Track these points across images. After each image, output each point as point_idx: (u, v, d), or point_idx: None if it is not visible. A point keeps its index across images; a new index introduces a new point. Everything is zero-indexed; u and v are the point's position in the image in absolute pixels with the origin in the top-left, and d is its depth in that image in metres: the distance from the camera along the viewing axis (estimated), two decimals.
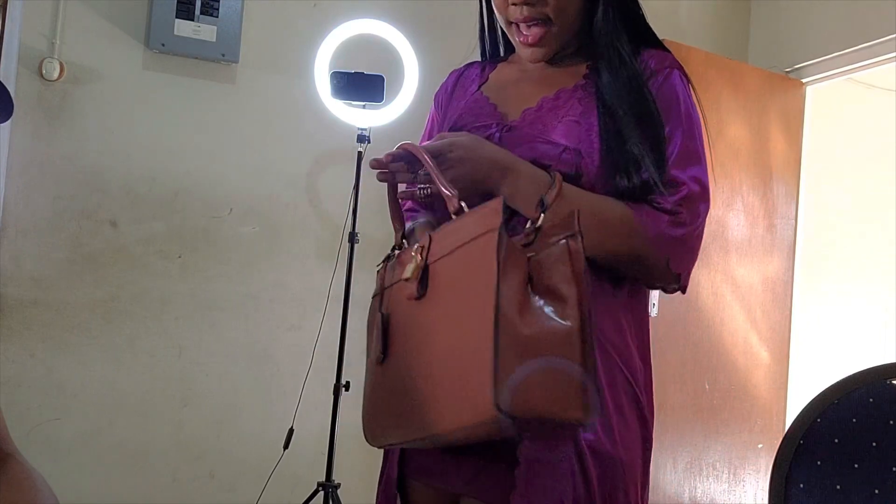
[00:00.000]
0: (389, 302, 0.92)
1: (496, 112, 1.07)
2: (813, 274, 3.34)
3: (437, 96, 1.23)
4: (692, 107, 1.02)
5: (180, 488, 2.44)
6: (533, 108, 1.04)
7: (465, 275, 0.78)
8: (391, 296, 0.92)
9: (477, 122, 1.07)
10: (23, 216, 2.28)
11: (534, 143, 1.00)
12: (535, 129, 1.01)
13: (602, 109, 0.99)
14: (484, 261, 0.74)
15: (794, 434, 1.09)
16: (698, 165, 0.98)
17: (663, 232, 0.93)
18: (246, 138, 2.54)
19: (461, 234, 0.80)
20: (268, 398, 2.53)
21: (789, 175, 3.08)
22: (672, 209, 0.94)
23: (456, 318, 0.77)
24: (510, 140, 1.01)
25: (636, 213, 0.93)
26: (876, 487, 1.00)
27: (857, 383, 1.06)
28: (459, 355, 0.76)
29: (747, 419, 2.92)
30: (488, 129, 1.04)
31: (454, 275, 0.80)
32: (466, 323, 0.75)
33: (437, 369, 0.79)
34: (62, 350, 2.31)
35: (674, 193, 0.95)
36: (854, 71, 2.95)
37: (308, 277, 2.58)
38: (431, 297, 0.83)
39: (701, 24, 3.24)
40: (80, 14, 2.34)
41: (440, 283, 0.82)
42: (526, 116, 1.04)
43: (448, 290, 0.81)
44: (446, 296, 0.81)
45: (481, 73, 1.18)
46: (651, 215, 0.94)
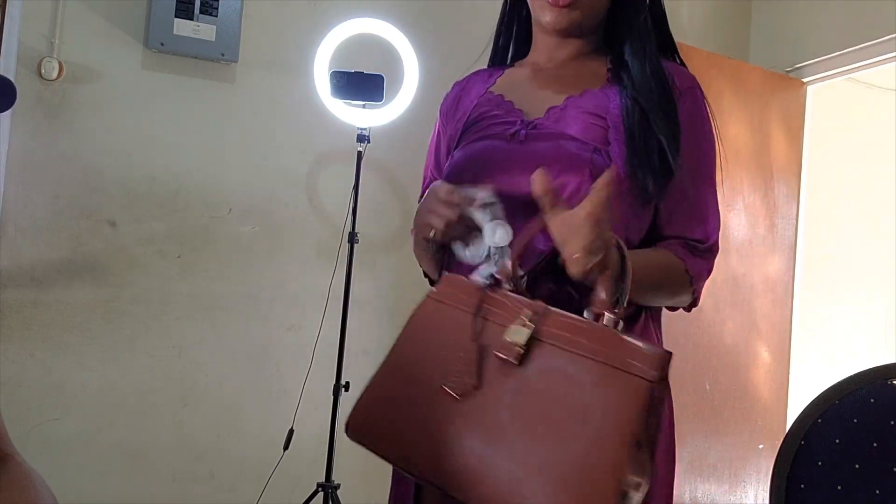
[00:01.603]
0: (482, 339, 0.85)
1: (515, 109, 1.05)
2: (813, 274, 3.34)
3: (442, 109, 1.19)
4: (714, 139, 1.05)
5: (180, 488, 2.44)
6: (559, 106, 1.02)
7: (590, 393, 0.77)
8: (487, 333, 0.85)
9: (497, 119, 1.04)
10: (22, 216, 2.28)
11: (561, 141, 0.98)
12: (560, 127, 0.99)
13: (629, 106, 0.98)
14: (624, 401, 0.75)
15: (794, 434, 1.09)
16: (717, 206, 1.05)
17: (704, 275, 1.03)
18: (246, 138, 2.53)
19: (600, 345, 0.78)
20: (268, 398, 2.53)
21: (790, 175, 3.08)
22: (708, 249, 1.03)
23: (564, 426, 0.76)
24: (536, 137, 0.99)
25: (686, 262, 1.00)
26: (877, 488, 1.00)
27: (858, 383, 1.06)
28: (570, 468, 0.74)
29: (748, 419, 2.92)
30: (512, 126, 1.02)
31: (579, 379, 0.78)
32: (577, 443, 0.75)
33: (539, 461, 0.76)
34: (62, 350, 2.31)
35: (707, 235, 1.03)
36: (854, 70, 2.95)
37: (308, 277, 2.57)
38: (531, 377, 0.80)
39: (702, 23, 3.23)
40: (80, 13, 2.33)
41: (549, 373, 0.79)
42: (551, 114, 1.01)
43: (559, 387, 0.78)
44: (555, 391, 0.78)
45: (488, 78, 1.16)
46: (698, 263, 1.01)
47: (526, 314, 0.82)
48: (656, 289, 0.98)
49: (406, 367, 0.89)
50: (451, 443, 0.81)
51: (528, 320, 0.82)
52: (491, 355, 0.82)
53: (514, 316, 0.83)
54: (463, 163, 1.05)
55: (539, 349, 0.81)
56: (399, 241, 2.61)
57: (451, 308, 0.89)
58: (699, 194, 1.01)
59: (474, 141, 1.05)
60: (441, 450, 0.82)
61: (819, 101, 3.16)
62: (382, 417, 0.88)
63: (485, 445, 0.79)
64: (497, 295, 0.87)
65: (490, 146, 1.03)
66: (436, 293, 0.92)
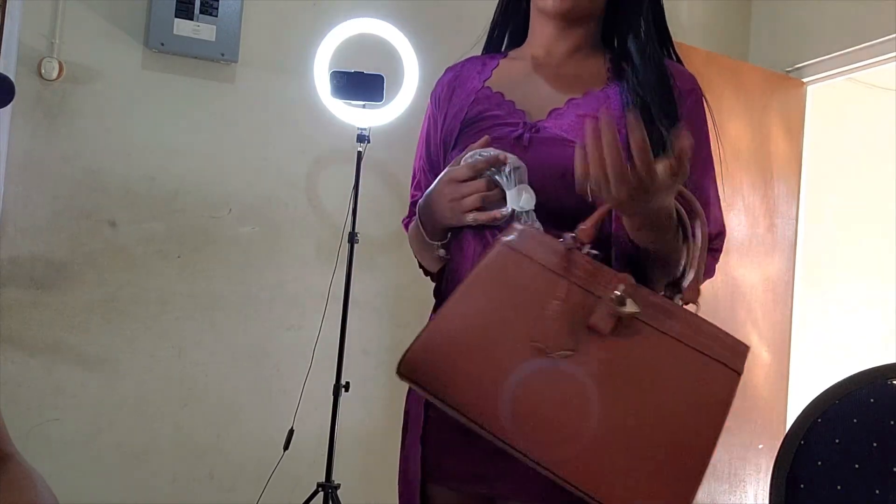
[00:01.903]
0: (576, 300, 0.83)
1: (516, 109, 1.03)
2: (813, 274, 3.34)
3: (434, 94, 1.17)
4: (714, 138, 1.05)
5: (180, 488, 2.44)
6: (561, 108, 1.01)
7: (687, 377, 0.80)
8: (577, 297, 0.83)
9: (499, 120, 1.03)
10: (22, 216, 2.28)
11: (566, 146, 0.96)
12: (565, 131, 0.98)
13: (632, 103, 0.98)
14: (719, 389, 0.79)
15: (794, 434, 1.09)
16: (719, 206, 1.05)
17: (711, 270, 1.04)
18: (245, 138, 2.53)
19: (693, 332, 0.82)
20: (268, 398, 2.53)
21: (790, 175, 3.08)
22: (716, 248, 1.03)
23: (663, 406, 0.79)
24: (540, 141, 0.98)
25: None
26: (877, 488, 1.00)
27: (858, 383, 1.06)
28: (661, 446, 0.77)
29: (748, 419, 2.92)
30: (515, 129, 1.01)
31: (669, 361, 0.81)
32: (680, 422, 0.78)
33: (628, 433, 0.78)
34: (62, 350, 2.31)
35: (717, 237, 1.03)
36: (854, 71, 2.95)
37: (308, 277, 2.57)
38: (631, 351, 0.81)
39: (701, 23, 3.23)
40: (80, 14, 2.33)
41: (645, 350, 0.81)
42: (553, 117, 1.00)
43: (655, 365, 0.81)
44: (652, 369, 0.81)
45: (482, 67, 1.13)
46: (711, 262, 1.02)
47: (619, 287, 0.82)
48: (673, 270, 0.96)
49: (480, 313, 0.84)
50: (531, 399, 0.79)
51: (622, 293, 0.81)
52: (583, 320, 0.81)
53: (604, 285, 0.82)
54: None
55: (631, 324, 0.81)
56: (399, 241, 2.60)
57: (530, 262, 0.85)
58: (703, 193, 1.01)
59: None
60: (518, 405, 0.79)
61: (819, 101, 3.16)
62: (448, 360, 0.82)
63: (570, 409, 0.78)
64: (583, 260, 0.84)
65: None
66: (513, 242, 0.87)
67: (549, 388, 0.79)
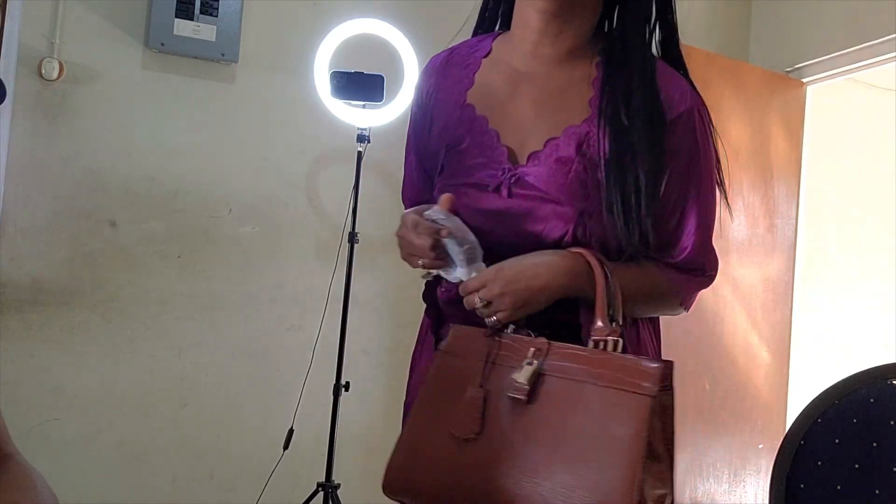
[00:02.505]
0: (491, 383, 0.90)
1: (499, 145, 0.99)
2: (813, 274, 3.34)
3: (417, 94, 1.14)
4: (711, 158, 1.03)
5: (180, 488, 2.44)
6: (540, 151, 0.98)
7: (598, 417, 0.81)
8: (494, 377, 0.90)
9: (480, 158, 1.00)
10: (22, 216, 2.28)
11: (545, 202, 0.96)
12: (548, 184, 0.96)
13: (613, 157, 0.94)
14: (627, 419, 0.79)
15: (794, 434, 1.09)
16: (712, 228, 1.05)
17: (695, 293, 1.07)
18: (245, 138, 2.53)
19: (601, 369, 0.83)
20: (268, 398, 2.53)
21: (790, 175, 3.08)
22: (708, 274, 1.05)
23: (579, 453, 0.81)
24: (519, 195, 0.97)
25: (677, 282, 1.03)
26: (877, 488, 1.00)
27: (857, 383, 1.06)
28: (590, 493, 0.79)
29: (748, 419, 2.92)
30: (495, 177, 0.98)
31: (583, 407, 0.83)
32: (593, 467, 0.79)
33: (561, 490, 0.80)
34: (62, 350, 2.31)
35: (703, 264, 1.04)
36: (854, 71, 2.95)
37: (308, 277, 2.57)
38: (542, 411, 0.85)
39: (701, 23, 3.23)
40: (80, 14, 2.33)
41: (557, 404, 0.84)
42: (533, 163, 0.98)
43: (569, 416, 0.83)
44: (565, 421, 0.83)
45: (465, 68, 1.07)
46: (688, 282, 1.04)
47: (530, 352, 0.88)
48: (646, 303, 1.02)
49: (429, 422, 0.94)
50: (480, 486, 0.86)
51: (532, 356, 0.87)
52: (504, 397, 0.87)
53: (521, 356, 0.88)
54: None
55: (546, 383, 0.86)
56: None
57: (460, 358, 0.95)
58: (676, 218, 1.00)
59: (456, 187, 1.01)
60: (471, 494, 0.86)
61: (819, 101, 3.16)
62: (415, 474, 0.93)
63: (511, 482, 0.83)
64: (504, 338, 0.92)
65: (474, 202, 0.99)
66: (445, 346, 0.98)
67: (488, 470, 0.86)
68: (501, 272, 0.92)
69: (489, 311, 0.92)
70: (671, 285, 1.02)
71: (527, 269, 0.93)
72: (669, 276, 1.02)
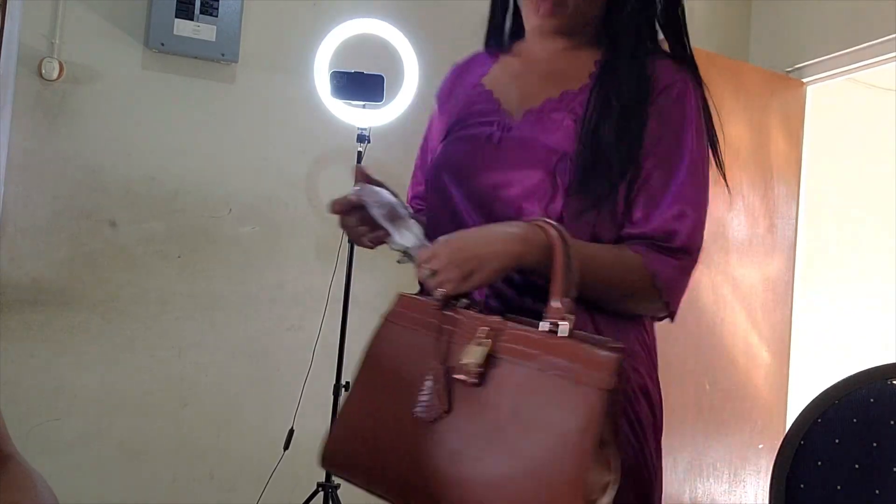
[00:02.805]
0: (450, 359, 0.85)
1: (500, 109, 1.05)
2: (813, 274, 3.34)
3: (438, 95, 1.20)
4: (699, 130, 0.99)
5: (180, 488, 2.44)
6: (536, 108, 1.02)
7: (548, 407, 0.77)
8: (451, 354, 0.85)
9: (480, 119, 1.05)
10: (22, 216, 2.28)
11: (531, 148, 0.98)
12: (534, 132, 0.99)
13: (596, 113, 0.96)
14: (578, 412, 0.75)
15: (794, 434, 1.09)
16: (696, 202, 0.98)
17: (671, 273, 0.95)
18: (245, 138, 2.53)
19: (553, 356, 0.78)
20: (268, 398, 2.53)
21: (790, 175, 3.08)
22: (677, 249, 0.95)
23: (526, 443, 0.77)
24: (508, 142, 1.00)
25: (645, 259, 0.94)
26: (877, 488, 1.00)
27: (857, 383, 1.06)
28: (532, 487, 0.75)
29: (748, 419, 2.92)
30: (490, 128, 1.03)
31: (533, 394, 0.78)
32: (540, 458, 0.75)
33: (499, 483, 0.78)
34: (62, 350, 2.31)
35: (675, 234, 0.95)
36: (854, 71, 2.95)
37: (308, 277, 2.57)
38: (490, 395, 0.80)
39: (701, 23, 3.23)
40: (80, 14, 2.33)
41: (507, 389, 0.80)
42: (527, 118, 1.02)
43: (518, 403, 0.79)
44: (514, 408, 0.79)
45: (483, 64, 1.15)
46: (659, 260, 0.94)
47: (482, 331, 0.83)
48: (610, 285, 0.94)
49: (374, 395, 0.89)
50: (425, 468, 0.82)
51: (485, 337, 0.82)
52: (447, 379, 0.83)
53: (472, 334, 0.83)
54: (440, 162, 1.07)
55: (497, 366, 0.81)
56: None
57: (409, 330, 0.90)
58: (653, 187, 0.96)
59: (455, 140, 1.07)
60: (416, 476, 0.83)
61: (819, 101, 3.16)
62: (356, 449, 0.89)
63: (457, 467, 0.80)
64: (454, 313, 0.87)
65: (465, 149, 1.04)
66: (392, 315, 0.94)
67: (436, 453, 0.81)
68: (450, 241, 0.88)
69: (436, 282, 0.87)
70: (639, 262, 0.93)
71: (477, 236, 0.88)
72: (637, 250, 0.94)
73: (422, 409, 0.83)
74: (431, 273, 0.87)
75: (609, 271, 0.93)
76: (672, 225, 0.95)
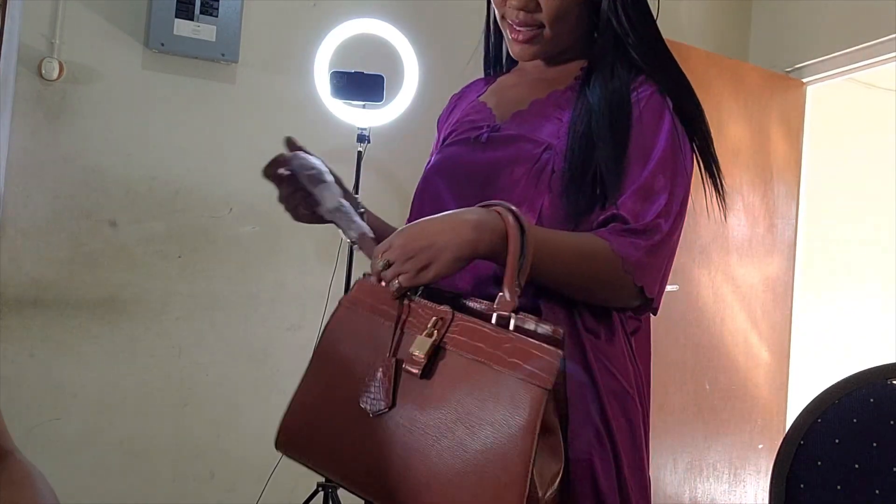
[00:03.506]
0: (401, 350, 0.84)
1: (491, 115, 1.08)
2: (813, 274, 3.34)
3: (439, 121, 1.23)
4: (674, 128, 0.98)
5: (180, 488, 2.44)
6: (524, 109, 1.05)
7: (490, 401, 0.76)
8: (404, 345, 0.84)
9: (471, 126, 1.08)
10: (22, 216, 2.28)
11: (517, 143, 1.00)
12: (522, 129, 1.01)
13: (579, 108, 0.98)
14: (521, 408, 0.74)
15: (794, 434, 1.09)
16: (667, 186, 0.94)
17: (640, 257, 0.90)
18: (246, 138, 2.53)
19: (499, 351, 0.78)
20: (268, 398, 2.53)
21: (789, 175, 3.08)
22: (644, 230, 0.91)
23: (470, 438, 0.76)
24: (495, 139, 1.02)
25: (611, 243, 0.90)
26: (877, 488, 1.00)
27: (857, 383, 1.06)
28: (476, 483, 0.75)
29: (748, 419, 2.92)
30: (479, 130, 1.05)
31: (478, 389, 0.78)
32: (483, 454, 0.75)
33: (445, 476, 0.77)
34: (62, 350, 2.31)
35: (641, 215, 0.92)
36: (854, 71, 2.95)
37: (308, 277, 2.57)
38: (435, 388, 0.80)
39: (701, 23, 3.23)
40: (80, 14, 2.34)
41: (451, 382, 0.79)
42: (515, 118, 1.04)
43: (461, 396, 0.78)
44: (458, 401, 0.78)
45: (482, 87, 1.19)
46: (626, 243, 0.90)
47: (431, 321, 0.82)
48: (574, 272, 0.90)
49: (326, 379, 0.88)
50: (379, 460, 0.81)
51: (432, 327, 0.81)
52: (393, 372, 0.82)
53: (423, 325, 0.82)
54: (431, 169, 1.09)
55: (444, 357, 0.80)
56: None
57: (366, 317, 0.88)
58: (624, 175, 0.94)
59: (445, 147, 1.09)
60: (364, 464, 0.82)
61: (819, 101, 3.16)
62: (309, 433, 0.88)
63: (409, 461, 0.79)
64: (413, 303, 0.85)
65: (455, 151, 1.07)
66: (349, 299, 0.92)
67: (383, 442, 0.81)
68: (405, 231, 0.85)
69: (391, 274, 0.84)
70: (604, 245, 0.89)
71: (432, 224, 0.84)
72: (602, 234, 0.90)
73: (367, 402, 0.82)
74: (386, 265, 0.85)
75: (572, 257, 0.89)
76: (639, 206, 0.92)
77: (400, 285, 0.84)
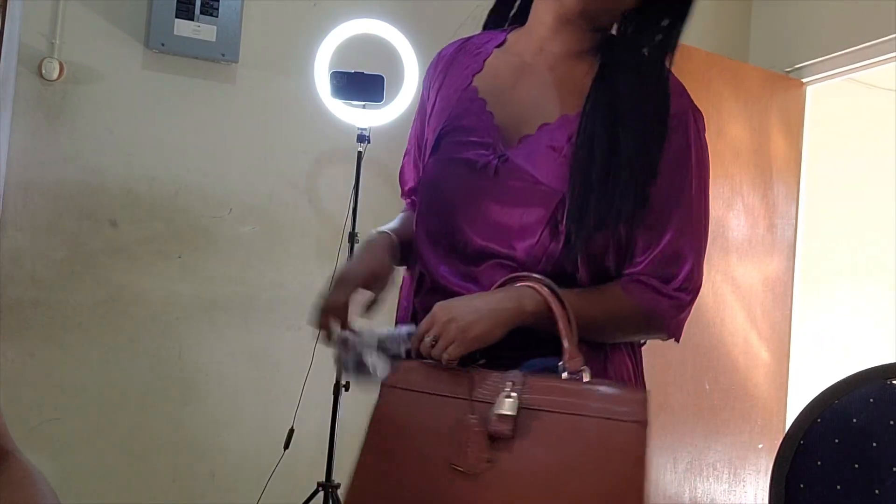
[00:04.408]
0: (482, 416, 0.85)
1: (493, 125, 1.00)
2: (813, 274, 3.34)
3: (428, 74, 1.15)
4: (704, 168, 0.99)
5: (180, 488, 2.44)
6: (532, 136, 0.98)
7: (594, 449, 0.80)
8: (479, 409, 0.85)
9: (472, 137, 1.01)
10: (22, 216, 2.28)
11: (530, 183, 0.96)
12: (530, 163, 0.97)
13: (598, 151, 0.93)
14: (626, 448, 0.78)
15: (794, 434, 1.09)
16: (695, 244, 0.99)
17: (671, 314, 0.99)
18: (246, 138, 2.53)
19: (588, 401, 0.81)
20: (268, 398, 2.53)
21: (789, 175, 3.08)
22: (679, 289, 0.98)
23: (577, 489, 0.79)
24: (507, 173, 0.97)
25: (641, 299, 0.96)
26: (876, 487, 1.00)
27: (857, 383, 1.06)
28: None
29: (747, 419, 2.92)
30: (485, 153, 0.99)
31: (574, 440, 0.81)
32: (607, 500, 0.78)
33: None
34: (62, 350, 2.31)
35: (672, 278, 0.98)
36: (854, 71, 2.95)
37: (308, 277, 2.57)
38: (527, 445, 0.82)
39: (701, 23, 3.23)
40: (80, 14, 2.33)
41: (545, 438, 0.81)
42: (523, 146, 0.98)
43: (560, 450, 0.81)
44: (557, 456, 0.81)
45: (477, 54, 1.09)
46: (657, 301, 0.97)
47: (508, 385, 0.84)
48: (607, 330, 0.97)
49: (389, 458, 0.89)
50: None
51: (511, 390, 0.84)
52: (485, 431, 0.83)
53: (496, 390, 0.84)
54: (434, 188, 1.04)
55: (529, 417, 0.83)
56: None
57: (420, 394, 0.90)
58: (670, 233, 0.96)
59: (447, 162, 1.03)
60: None
61: (819, 101, 3.16)
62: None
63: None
64: (473, 374, 0.87)
65: (461, 176, 1.01)
66: (397, 381, 0.93)
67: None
68: (443, 306, 0.89)
69: (440, 347, 0.87)
70: (635, 304, 0.96)
71: (470, 298, 0.91)
72: (632, 290, 0.96)
73: (464, 462, 0.83)
74: (434, 340, 0.87)
75: (606, 322, 0.96)
76: (670, 269, 0.97)
77: (451, 356, 0.86)
